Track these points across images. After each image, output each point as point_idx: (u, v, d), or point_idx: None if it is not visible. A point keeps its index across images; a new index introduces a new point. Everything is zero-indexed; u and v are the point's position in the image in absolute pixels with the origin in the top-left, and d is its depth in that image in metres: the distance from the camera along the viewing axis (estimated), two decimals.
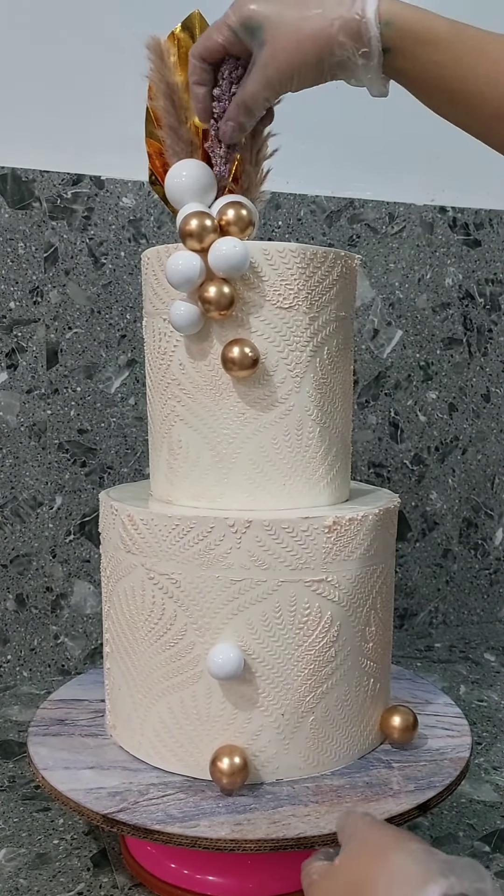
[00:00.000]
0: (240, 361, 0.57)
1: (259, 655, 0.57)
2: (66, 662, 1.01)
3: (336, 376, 0.63)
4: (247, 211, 0.57)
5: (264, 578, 0.57)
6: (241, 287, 0.58)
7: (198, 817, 0.53)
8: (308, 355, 0.60)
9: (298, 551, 0.57)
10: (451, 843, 0.68)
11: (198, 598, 0.57)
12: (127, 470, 1.02)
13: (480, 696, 0.97)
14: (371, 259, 1.13)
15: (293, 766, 0.59)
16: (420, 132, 1.16)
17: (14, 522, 0.98)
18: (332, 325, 0.61)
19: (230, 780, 0.56)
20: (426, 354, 1.18)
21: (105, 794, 0.56)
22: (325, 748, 0.60)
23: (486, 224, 1.19)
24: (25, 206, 0.95)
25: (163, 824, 0.52)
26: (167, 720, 0.59)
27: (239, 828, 0.52)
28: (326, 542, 0.58)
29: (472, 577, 1.25)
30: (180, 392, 0.61)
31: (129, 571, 0.61)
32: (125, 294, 1.00)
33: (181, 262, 0.57)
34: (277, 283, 0.58)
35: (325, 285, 0.60)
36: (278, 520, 0.57)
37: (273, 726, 0.58)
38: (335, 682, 0.59)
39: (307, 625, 0.58)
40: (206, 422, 0.60)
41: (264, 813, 0.54)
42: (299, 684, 0.58)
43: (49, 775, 0.58)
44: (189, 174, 0.59)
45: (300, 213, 1.08)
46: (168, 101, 0.60)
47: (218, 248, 0.56)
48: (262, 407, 0.59)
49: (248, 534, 0.56)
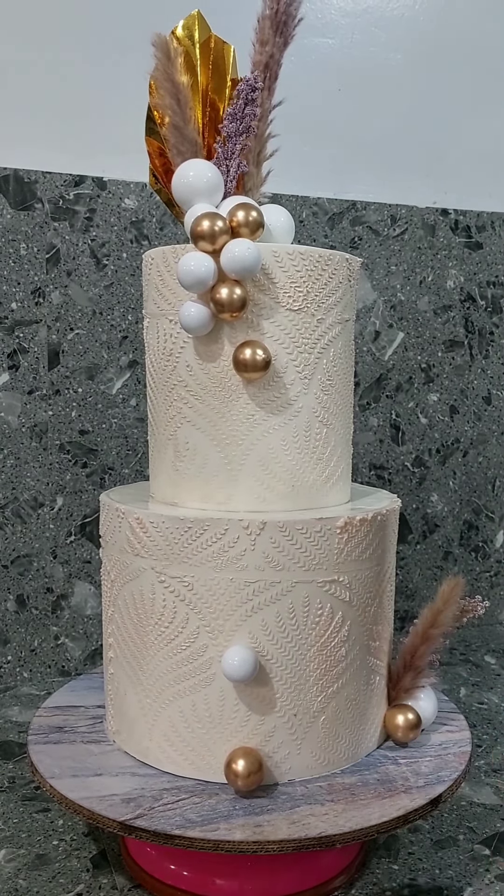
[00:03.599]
0: (252, 363, 0.57)
1: (273, 656, 0.57)
2: (66, 663, 1.01)
3: (340, 378, 0.63)
4: (257, 212, 0.57)
5: (278, 579, 0.57)
6: (252, 289, 0.58)
7: (216, 820, 0.53)
8: (315, 357, 0.60)
9: (312, 552, 0.57)
10: (452, 846, 0.68)
11: (211, 600, 0.57)
12: (128, 471, 1.02)
13: (481, 698, 0.97)
14: (373, 261, 1.13)
15: (305, 766, 0.59)
16: (422, 134, 1.17)
17: (15, 523, 0.98)
18: (336, 328, 0.62)
19: (246, 782, 0.55)
20: (427, 357, 1.18)
21: (118, 801, 0.55)
22: (336, 747, 0.60)
23: (488, 227, 1.19)
24: (27, 206, 0.95)
25: (183, 829, 0.52)
26: (178, 724, 0.59)
27: (260, 829, 0.52)
28: (339, 543, 0.58)
29: (473, 580, 1.25)
30: (187, 394, 0.61)
31: (136, 575, 0.60)
32: (127, 295, 1.00)
33: (193, 264, 0.56)
34: (287, 285, 0.59)
35: (330, 288, 0.61)
36: (292, 521, 0.57)
37: (286, 727, 0.58)
38: (346, 681, 0.60)
39: (319, 625, 0.58)
40: (215, 424, 0.60)
41: (282, 814, 0.54)
42: (312, 684, 0.58)
43: (58, 784, 0.57)
44: (197, 174, 0.59)
45: (302, 214, 1.08)
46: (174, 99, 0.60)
47: (231, 249, 0.56)
48: (271, 409, 0.59)
49: (263, 535, 0.56)
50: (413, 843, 0.68)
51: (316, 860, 0.61)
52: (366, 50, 1.12)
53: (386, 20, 1.12)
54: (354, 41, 1.11)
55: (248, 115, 0.60)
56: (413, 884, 0.63)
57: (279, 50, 0.60)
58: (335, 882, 0.62)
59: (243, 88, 0.59)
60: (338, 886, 0.62)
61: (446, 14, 1.15)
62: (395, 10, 1.13)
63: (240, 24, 0.64)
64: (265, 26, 0.60)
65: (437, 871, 0.64)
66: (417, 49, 1.14)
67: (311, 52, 1.09)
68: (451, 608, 0.64)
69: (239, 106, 0.59)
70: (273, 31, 0.60)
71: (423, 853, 0.67)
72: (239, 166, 0.62)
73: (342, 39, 1.11)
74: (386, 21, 1.12)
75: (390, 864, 0.65)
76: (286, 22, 0.60)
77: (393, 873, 0.64)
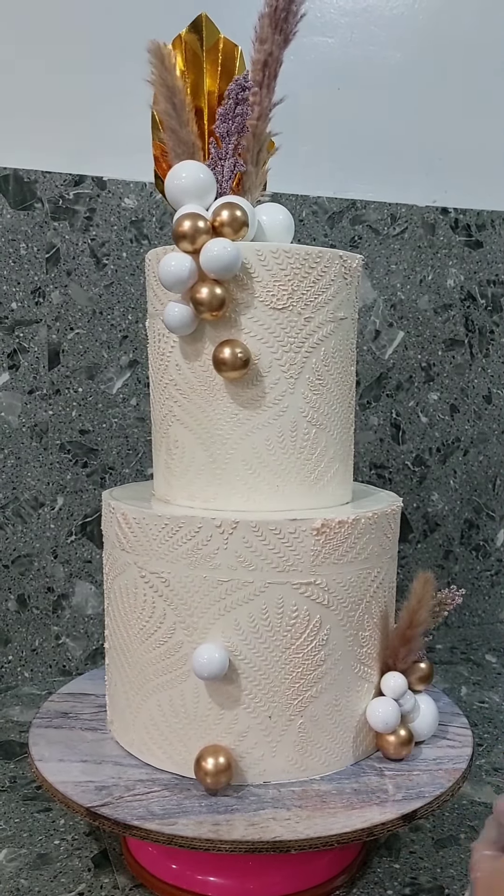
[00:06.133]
0: (230, 362, 0.57)
1: (246, 656, 0.57)
2: (67, 663, 1.01)
3: (333, 377, 0.62)
4: (241, 212, 0.57)
5: (251, 579, 0.57)
6: (235, 288, 0.58)
7: (178, 815, 0.54)
8: (303, 356, 0.60)
9: (286, 553, 0.57)
10: (453, 844, 0.68)
11: (186, 597, 0.58)
12: (128, 470, 1.02)
13: (482, 697, 0.97)
14: (373, 260, 1.13)
15: (280, 770, 0.58)
16: (422, 133, 1.17)
17: (15, 523, 0.98)
18: (328, 326, 0.61)
19: (214, 780, 0.56)
20: (428, 356, 1.18)
21: (92, 788, 0.57)
22: (314, 752, 0.59)
23: (488, 225, 1.19)
24: (27, 206, 0.95)
25: (142, 820, 0.53)
26: (157, 717, 0.60)
27: (216, 828, 0.52)
28: (315, 545, 0.57)
29: (474, 579, 1.25)
30: (177, 393, 0.61)
31: (123, 569, 0.62)
32: (127, 295, 1.00)
33: (173, 264, 0.57)
34: (270, 283, 0.58)
35: (320, 286, 0.60)
36: (265, 521, 0.57)
37: (260, 728, 0.58)
38: (325, 687, 0.59)
39: (295, 627, 0.57)
40: (201, 422, 0.60)
41: (245, 815, 0.54)
42: (287, 687, 0.58)
43: (42, 766, 0.59)
44: (188, 175, 0.59)
45: (302, 214, 1.08)
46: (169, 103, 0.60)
47: (209, 249, 0.56)
48: (254, 408, 0.59)
49: (236, 534, 0.56)
50: (414, 842, 0.68)
51: (317, 859, 0.61)
52: (365, 49, 1.12)
53: (385, 19, 1.12)
54: (354, 40, 1.11)
55: (238, 114, 0.60)
56: (414, 883, 0.63)
57: (278, 48, 0.60)
58: (337, 881, 0.62)
59: (233, 88, 0.58)
60: (339, 885, 0.62)
61: (445, 13, 1.15)
62: (394, 8, 1.12)
63: (246, 23, 0.63)
64: (264, 24, 0.59)
65: (439, 871, 0.64)
66: (417, 48, 1.14)
67: (311, 51, 1.09)
68: (426, 605, 0.62)
69: (230, 106, 0.59)
70: (272, 29, 0.59)
71: (425, 852, 0.67)
72: (235, 166, 0.62)
73: (341, 38, 1.11)
74: (385, 20, 1.12)
75: (392, 864, 0.65)
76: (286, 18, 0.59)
77: (394, 872, 0.64)
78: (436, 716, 0.64)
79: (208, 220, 0.57)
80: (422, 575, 0.63)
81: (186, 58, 0.64)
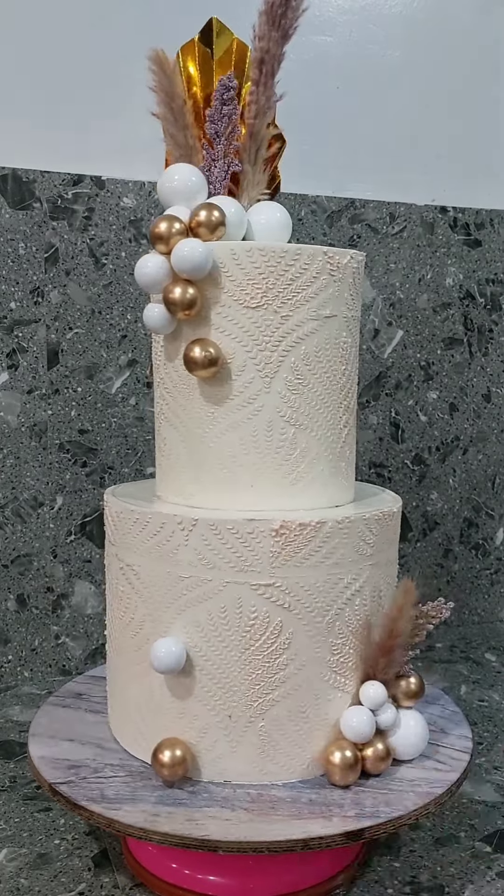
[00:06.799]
0: (200, 361, 0.57)
1: (205, 653, 0.57)
2: (66, 662, 1.01)
3: (317, 376, 0.60)
4: (218, 212, 0.57)
5: (210, 577, 0.57)
6: (209, 287, 0.58)
7: (126, 802, 0.55)
8: (279, 355, 0.59)
9: (244, 553, 0.56)
10: (453, 843, 0.68)
11: (153, 590, 0.59)
12: (128, 470, 1.02)
13: (481, 696, 0.97)
14: (372, 259, 1.13)
15: (240, 770, 0.58)
16: (421, 132, 1.17)
17: (15, 523, 0.98)
18: (309, 325, 0.59)
19: (170, 772, 0.56)
20: (427, 354, 1.18)
21: (64, 766, 0.59)
22: (276, 757, 0.58)
23: (487, 224, 1.19)
24: (26, 206, 0.95)
25: (89, 802, 0.54)
26: (130, 706, 0.62)
27: (154, 818, 0.53)
28: (274, 546, 0.56)
29: (473, 577, 1.25)
30: (164, 391, 0.63)
31: (110, 562, 0.64)
32: (126, 294, 1.00)
33: (149, 265, 0.58)
34: (244, 282, 0.58)
35: (299, 283, 0.58)
36: (224, 520, 0.56)
37: (220, 726, 0.58)
38: (289, 691, 0.58)
39: (254, 628, 0.57)
40: (183, 421, 0.61)
41: (188, 810, 0.54)
42: (247, 687, 0.57)
43: (31, 739, 0.63)
44: (179, 178, 0.59)
45: (301, 213, 1.08)
46: (167, 108, 0.61)
47: (179, 249, 0.56)
48: (229, 407, 0.59)
49: (195, 532, 0.57)
50: (414, 840, 0.68)
51: (317, 858, 0.61)
52: (364, 47, 1.12)
53: (384, 18, 1.12)
54: (353, 39, 1.11)
55: (226, 115, 0.60)
56: (414, 881, 0.63)
57: (276, 44, 0.59)
58: (337, 880, 0.62)
59: (219, 88, 0.58)
60: (339, 884, 0.62)
61: (444, 11, 1.15)
62: (393, 7, 1.12)
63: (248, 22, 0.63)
64: (262, 21, 0.59)
65: (439, 869, 0.64)
66: (416, 46, 1.14)
67: (310, 49, 1.09)
68: (407, 615, 0.59)
69: (217, 107, 0.59)
70: (269, 25, 0.59)
71: (425, 851, 0.67)
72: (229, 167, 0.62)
73: (340, 37, 1.11)
74: (384, 18, 1.12)
75: (392, 862, 0.65)
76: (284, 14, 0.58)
77: (394, 871, 0.64)
78: (423, 735, 0.61)
79: (185, 221, 0.58)
80: (403, 582, 0.60)
81: (199, 62, 0.64)
